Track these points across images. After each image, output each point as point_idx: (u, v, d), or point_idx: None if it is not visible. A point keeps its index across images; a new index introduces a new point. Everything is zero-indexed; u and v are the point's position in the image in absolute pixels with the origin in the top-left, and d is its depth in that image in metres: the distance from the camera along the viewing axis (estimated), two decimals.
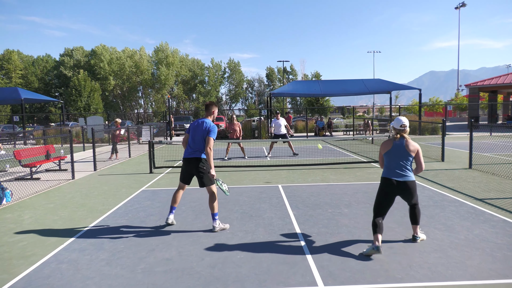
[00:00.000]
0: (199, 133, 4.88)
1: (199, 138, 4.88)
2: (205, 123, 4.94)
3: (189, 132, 5.03)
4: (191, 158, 4.90)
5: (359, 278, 3.51)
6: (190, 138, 4.97)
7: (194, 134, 4.91)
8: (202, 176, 4.90)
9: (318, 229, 4.92)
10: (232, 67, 60.75)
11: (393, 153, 4.23)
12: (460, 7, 54.45)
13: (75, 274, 3.75)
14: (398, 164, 4.22)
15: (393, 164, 4.25)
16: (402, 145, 4.20)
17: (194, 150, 4.90)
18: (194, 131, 4.94)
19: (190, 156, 4.91)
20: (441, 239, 4.46)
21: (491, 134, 20.18)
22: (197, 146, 4.89)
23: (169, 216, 5.20)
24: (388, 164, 4.30)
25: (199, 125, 4.92)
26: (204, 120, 4.98)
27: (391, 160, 4.26)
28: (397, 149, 4.21)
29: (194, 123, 5.03)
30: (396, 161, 4.22)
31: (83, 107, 41.67)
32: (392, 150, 4.24)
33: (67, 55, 53.34)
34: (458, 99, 51.30)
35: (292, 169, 10.04)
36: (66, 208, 6.36)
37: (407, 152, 4.18)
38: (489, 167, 9.38)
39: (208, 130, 4.86)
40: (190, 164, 4.92)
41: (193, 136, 4.93)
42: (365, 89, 24.71)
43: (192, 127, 5.01)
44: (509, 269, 3.60)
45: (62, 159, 10.67)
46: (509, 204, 5.95)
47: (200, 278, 3.59)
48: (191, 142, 4.95)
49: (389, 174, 4.25)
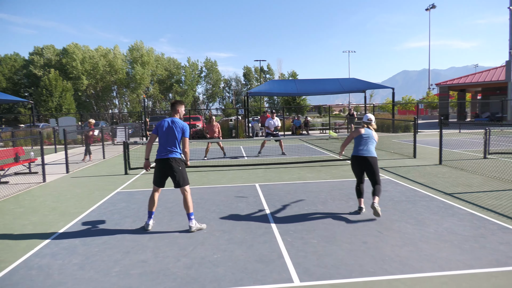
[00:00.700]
0: (173, 133, 4.83)
1: (173, 138, 4.83)
2: (177, 122, 4.89)
3: (158, 132, 4.91)
4: (169, 158, 4.81)
5: (334, 273, 3.58)
6: (163, 138, 4.86)
7: (168, 134, 4.83)
8: (178, 176, 4.86)
9: (294, 227, 4.98)
10: (209, 66, 60.32)
11: (364, 137, 5.61)
12: (431, 9, 56.41)
13: (46, 280, 3.63)
14: (365, 143, 5.61)
15: (363, 145, 5.61)
16: (370, 133, 5.65)
17: (171, 151, 4.83)
18: (167, 131, 4.84)
19: (167, 156, 4.82)
20: (412, 233, 4.61)
21: (460, 131, 20.99)
22: (172, 146, 4.84)
23: (149, 222, 5.05)
24: (357, 145, 5.65)
25: (172, 125, 4.86)
26: (174, 120, 4.92)
27: (362, 142, 5.61)
28: (367, 135, 5.62)
29: (163, 123, 4.90)
30: (366, 143, 5.60)
31: (55, 107, 40.18)
32: (364, 135, 5.61)
33: (37, 54, 51.29)
34: (430, 97, 53.10)
35: (269, 168, 10.10)
36: (36, 212, 6.15)
37: (373, 138, 5.65)
38: (458, 163, 9.77)
39: (183, 131, 4.85)
40: (166, 165, 4.84)
41: (166, 136, 4.84)
42: (341, 88, 25.15)
43: (162, 127, 4.87)
44: (475, 260, 3.77)
45: (32, 161, 10.31)
46: (476, 198, 6.22)
47: (176, 279, 3.56)
48: (164, 142, 4.85)
49: (357, 152, 5.60)
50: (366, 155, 5.49)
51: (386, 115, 31.80)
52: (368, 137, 5.56)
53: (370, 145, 5.54)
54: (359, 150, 5.56)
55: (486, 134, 10.65)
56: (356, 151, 5.59)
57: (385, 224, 4.96)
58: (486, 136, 10.65)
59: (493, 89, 31.54)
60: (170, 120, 4.92)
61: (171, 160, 4.82)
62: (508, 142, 13.93)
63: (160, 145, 4.90)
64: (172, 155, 4.83)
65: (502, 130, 19.91)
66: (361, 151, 5.54)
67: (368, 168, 5.48)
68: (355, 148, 5.64)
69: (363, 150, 5.53)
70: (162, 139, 4.88)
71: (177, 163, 4.85)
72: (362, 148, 5.54)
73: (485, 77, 28.51)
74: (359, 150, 5.56)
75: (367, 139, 5.56)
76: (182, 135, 4.86)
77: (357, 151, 5.58)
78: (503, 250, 3.99)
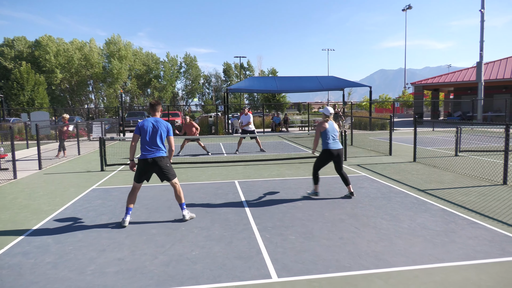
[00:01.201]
0: (158, 132, 4.96)
1: (159, 137, 4.96)
2: (161, 122, 5.04)
3: (141, 132, 4.97)
4: (156, 158, 4.92)
5: (312, 269, 3.64)
6: (148, 138, 4.93)
7: (153, 134, 4.94)
8: (168, 172, 5.02)
9: (273, 223, 5.02)
10: (188, 62, 59.38)
11: (329, 131, 6.04)
12: (407, 9, 57.71)
13: (18, 280, 3.52)
14: (334, 138, 6.07)
15: (330, 138, 6.03)
16: (333, 125, 6.11)
17: (157, 150, 4.95)
18: (152, 131, 4.95)
19: (154, 155, 4.92)
20: (387, 228, 4.74)
21: (433, 129, 21.66)
22: (159, 145, 4.97)
23: (126, 218, 5.02)
24: (326, 139, 6.03)
25: (156, 125, 4.98)
26: (157, 120, 5.06)
27: (329, 135, 6.02)
28: (331, 128, 6.07)
29: (146, 123, 4.99)
30: (331, 136, 6.04)
31: (26, 101, 38.59)
32: (329, 129, 6.04)
33: (7, 46, 49.12)
34: (405, 96, 54.49)
35: (249, 164, 10.12)
36: (7, 210, 5.92)
37: (335, 129, 6.12)
38: (431, 160, 10.09)
39: (168, 130, 5.04)
40: (154, 164, 4.92)
41: (152, 136, 4.94)
42: (320, 86, 25.46)
43: (146, 127, 4.96)
44: (446, 254, 3.92)
45: (2, 157, 9.91)
46: (447, 194, 6.45)
47: (153, 277, 3.52)
48: (150, 142, 4.93)
49: (329, 146, 6.00)
50: (338, 148, 6.04)
51: (363, 113, 32.46)
52: (333, 130, 6.07)
53: (337, 138, 6.10)
54: (330, 144, 6.02)
55: (458, 133, 11.04)
56: (328, 145, 6.02)
57: (361, 220, 5.07)
58: (458, 135, 11.05)
59: (465, 89, 32.71)
60: (153, 120, 5.04)
61: (160, 158, 4.94)
62: (478, 140, 14.50)
63: (144, 144, 4.96)
64: (159, 153, 4.96)
65: (473, 128, 20.69)
66: (332, 144, 6.02)
67: (337, 160, 6.07)
68: (326, 142, 6.04)
69: (335, 144, 6.04)
70: (147, 139, 4.94)
71: (165, 160, 5.00)
72: (332, 142, 6.03)
73: (457, 77, 29.55)
74: (330, 144, 6.02)
75: (333, 132, 6.05)
76: (166, 134, 5.03)
77: (329, 145, 6.02)
78: (471, 244, 4.16)
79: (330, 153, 6.01)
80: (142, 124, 4.99)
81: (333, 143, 6.02)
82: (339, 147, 6.07)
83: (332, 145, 6.01)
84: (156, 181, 7.93)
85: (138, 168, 5.02)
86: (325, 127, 6.02)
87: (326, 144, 6.04)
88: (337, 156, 6.04)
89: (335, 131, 6.10)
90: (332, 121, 6.14)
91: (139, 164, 4.99)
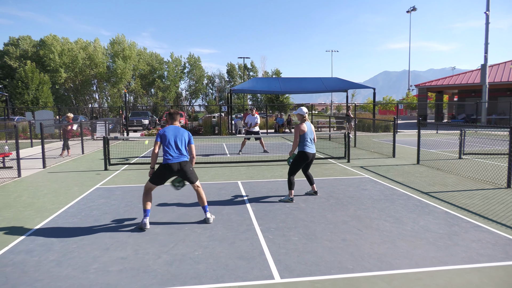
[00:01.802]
0: (181, 139, 5.12)
1: (182, 144, 5.11)
2: (183, 130, 5.22)
3: (163, 139, 5.07)
4: (181, 162, 5.02)
5: (314, 270, 3.64)
6: (173, 144, 5.05)
7: (176, 140, 5.08)
8: (192, 176, 5.12)
9: (276, 224, 5.03)
10: (192, 62, 59.48)
11: (308, 133, 6.05)
12: (411, 11, 57.47)
13: (22, 277, 3.54)
14: (311, 140, 6.10)
15: (308, 141, 6.03)
16: (310, 127, 6.14)
17: (182, 154, 5.07)
18: (175, 137, 5.09)
19: (178, 160, 5.01)
20: (390, 230, 4.73)
21: (437, 132, 21.59)
22: (182, 151, 5.10)
23: (145, 220, 4.91)
24: (304, 141, 6.03)
25: (179, 132, 5.15)
26: (178, 128, 5.22)
27: (306, 139, 6.03)
28: (309, 130, 6.10)
29: (168, 130, 5.11)
30: (309, 139, 6.06)
31: (31, 100, 38.75)
32: (307, 131, 6.04)
33: (13, 45, 49.44)
34: (409, 98, 54.32)
35: (252, 165, 10.13)
36: (11, 208, 5.97)
37: (313, 132, 6.16)
38: (434, 163, 10.05)
39: (189, 137, 5.21)
40: (178, 167, 4.99)
41: (175, 142, 5.07)
42: (323, 87, 25.40)
43: (169, 134, 5.08)
44: (449, 257, 3.90)
45: (7, 155, 9.98)
46: (451, 196, 6.43)
47: (156, 276, 3.54)
48: (174, 148, 5.04)
49: (306, 149, 6.02)
50: (313, 153, 6.14)
51: (367, 114, 32.38)
52: (311, 133, 6.13)
53: (313, 140, 6.16)
54: (308, 146, 6.06)
55: (462, 135, 11.00)
56: (305, 147, 6.05)
57: (364, 222, 5.06)
58: (462, 137, 11.01)
59: (469, 91, 32.59)
60: (173, 127, 5.18)
61: (184, 163, 5.05)
62: (482, 143, 14.43)
63: (168, 150, 5.03)
64: (184, 158, 5.07)
65: (477, 131, 20.60)
66: (309, 147, 6.07)
67: (309, 163, 6.25)
68: (303, 145, 6.07)
69: (311, 146, 6.11)
70: (173, 145, 5.06)
71: (189, 164, 5.12)
72: (310, 145, 6.08)
73: (461, 79, 29.43)
74: (308, 146, 6.06)
75: (310, 134, 6.11)
76: (188, 142, 5.18)
77: (306, 148, 6.05)
78: (475, 247, 4.15)
79: (306, 156, 6.06)
80: (163, 132, 5.11)
81: (310, 146, 6.09)
82: (314, 151, 6.17)
83: (309, 148, 6.07)
84: None
85: (158, 171, 5.03)
86: (304, 129, 6.04)
87: (303, 146, 6.06)
88: (311, 160, 6.18)
89: (312, 133, 6.17)
90: (309, 122, 6.21)
91: (161, 167, 5.03)
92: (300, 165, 6.15)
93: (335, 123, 25.95)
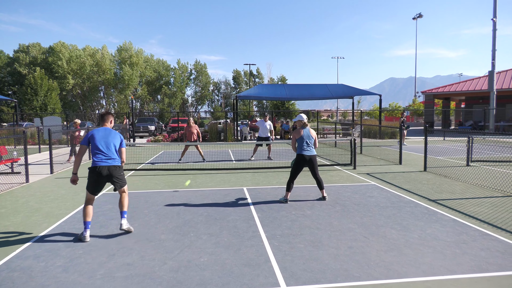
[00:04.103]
0: (111, 141, 4.91)
1: (113, 146, 4.91)
2: (114, 132, 5.04)
3: (91, 142, 4.87)
4: (111, 166, 4.82)
5: (320, 277, 3.61)
6: (103, 146, 4.84)
7: (107, 142, 4.88)
8: (121, 181, 4.98)
9: (281, 231, 5.01)
10: (198, 69, 59.94)
11: (304, 137, 6.43)
12: (418, 18, 57.47)
13: (28, 282, 3.56)
14: (308, 144, 6.45)
15: (304, 144, 6.42)
16: (308, 132, 6.49)
17: (112, 158, 4.88)
18: (105, 139, 4.89)
19: (107, 164, 4.80)
20: (397, 238, 4.69)
21: (444, 138, 21.43)
22: (113, 154, 4.90)
23: (85, 234, 4.72)
24: (301, 145, 6.44)
25: (109, 134, 4.95)
26: (109, 129, 5.04)
27: (303, 142, 6.42)
28: (306, 135, 6.45)
29: (96, 133, 4.90)
30: (306, 142, 6.43)
31: (39, 106, 39.23)
32: (304, 135, 6.43)
33: (22, 52, 50.24)
34: (415, 105, 54.05)
35: (257, 171, 10.12)
36: (19, 213, 6.02)
37: (311, 136, 6.49)
38: (441, 170, 9.97)
39: (121, 141, 5.04)
40: (107, 172, 4.78)
41: (106, 144, 4.87)
42: (329, 93, 25.42)
43: (98, 136, 4.87)
44: (457, 266, 3.85)
45: (15, 161, 10.09)
46: (459, 204, 6.36)
47: (162, 283, 3.54)
48: (104, 150, 4.84)
49: (303, 152, 6.41)
50: (310, 155, 6.41)
51: (373, 121, 32.24)
52: (308, 136, 6.45)
53: (311, 144, 6.48)
54: (304, 149, 6.43)
55: (469, 142, 10.91)
56: (301, 150, 6.44)
57: (370, 230, 5.02)
58: (469, 144, 10.91)
59: (477, 98, 32.36)
60: (103, 129, 4.99)
61: (115, 167, 4.86)
62: (490, 150, 14.28)
63: (97, 153, 4.82)
64: (114, 162, 4.87)
65: (484, 138, 20.40)
66: (305, 150, 6.42)
67: (311, 166, 6.46)
68: (300, 148, 6.47)
69: (308, 150, 6.43)
70: (99, 148, 4.83)
71: (120, 169, 4.96)
72: (306, 148, 6.43)
73: (468, 86, 29.23)
74: (304, 149, 6.43)
75: (307, 138, 6.45)
76: (119, 145, 5.01)
77: (303, 150, 6.43)
78: (483, 256, 4.09)
79: (303, 158, 6.40)
80: (92, 134, 4.89)
81: (306, 149, 6.43)
82: (312, 153, 6.45)
83: (305, 151, 6.41)
84: (164, 187, 8.00)
85: (90, 178, 4.83)
86: (301, 133, 6.45)
87: (300, 149, 6.46)
88: (310, 161, 6.42)
89: (310, 137, 6.48)
90: (309, 128, 6.57)
91: (92, 173, 4.80)
92: (299, 168, 6.48)
93: (341, 129, 25.91)
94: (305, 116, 6.69)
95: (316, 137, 6.64)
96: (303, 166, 6.49)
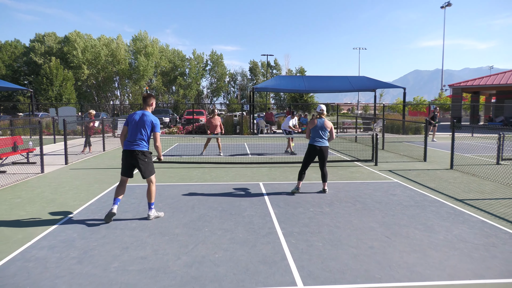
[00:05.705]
0: (142, 126, 4.91)
1: (141, 131, 4.91)
2: (148, 116, 4.97)
3: (128, 124, 4.98)
4: (134, 151, 4.88)
5: (339, 278, 3.45)
6: (132, 130, 4.91)
7: (137, 126, 4.91)
8: (144, 168, 4.97)
9: (299, 228, 4.85)
10: (214, 60, 59.05)
11: (318, 128, 6.54)
12: (446, 7, 54.87)
13: (43, 273, 3.54)
14: (320, 135, 6.55)
15: (317, 135, 6.55)
16: (322, 123, 6.56)
17: (137, 143, 4.90)
18: (136, 124, 4.92)
19: (132, 148, 4.88)
20: (420, 239, 4.46)
21: (473, 135, 20.64)
22: (139, 139, 4.91)
23: (112, 207, 5.03)
24: (314, 135, 6.58)
25: (141, 118, 4.94)
26: (145, 113, 5.00)
27: (316, 132, 6.55)
28: (320, 125, 6.55)
29: (133, 115, 4.98)
30: (318, 133, 6.54)
31: (55, 96, 39.61)
32: (317, 126, 6.54)
33: (38, 41, 50.57)
34: (442, 99, 52.31)
35: (274, 166, 9.96)
36: (34, 204, 6.05)
37: (325, 127, 6.56)
38: (469, 168, 9.54)
39: (153, 125, 4.97)
40: (132, 156, 4.89)
41: (135, 129, 4.91)
42: (350, 86, 24.77)
43: (133, 120, 4.95)
44: (485, 270, 3.62)
45: (31, 151, 10.19)
46: (488, 205, 6.04)
47: (176, 278, 3.44)
48: (133, 134, 4.90)
49: (314, 142, 6.55)
50: (321, 146, 6.53)
51: (396, 115, 31.39)
52: (321, 127, 6.54)
53: (324, 135, 6.57)
54: (315, 140, 6.57)
55: (500, 139, 10.40)
56: (313, 141, 6.59)
57: (393, 229, 4.81)
58: (500, 141, 10.40)
59: (509, 92, 30.96)
60: (141, 113, 5.00)
61: (137, 152, 4.88)
62: None
63: (128, 136, 4.94)
64: (137, 147, 4.89)
65: None
66: (316, 141, 6.56)
67: (321, 156, 6.59)
68: (312, 138, 6.62)
69: (318, 140, 6.55)
70: (131, 131, 4.93)
71: (143, 155, 4.92)
72: (317, 139, 6.56)
73: (500, 79, 27.90)
74: (315, 140, 6.57)
75: (320, 129, 6.54)
76: (152, 129, 4.97)
77: (314, 141, 6.58)
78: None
79: (314, 148, 6.55)
80: (130, 116, 5.00)
81: (318, 140, 6.55)
82: (323, 144, 6.56)
83: (316, 142, 6.55)
84: (179, 180, 7.94)
85: (122, 159, 5.01)
86: (315, 123, 6.57)
87: (312, 140, 6.61)
88: (320, 151, 6.54)
89: (324, 128, 6.56)
90: (324, 119, 6.62)
91: (122, 155, 4.96)
92: (309, 158, 6.64)
93: (362, 124, 25.35)
94: (324, 107, 6.73)
95: (333, 129, 6.66)
96: (314, 156, 6.62)
